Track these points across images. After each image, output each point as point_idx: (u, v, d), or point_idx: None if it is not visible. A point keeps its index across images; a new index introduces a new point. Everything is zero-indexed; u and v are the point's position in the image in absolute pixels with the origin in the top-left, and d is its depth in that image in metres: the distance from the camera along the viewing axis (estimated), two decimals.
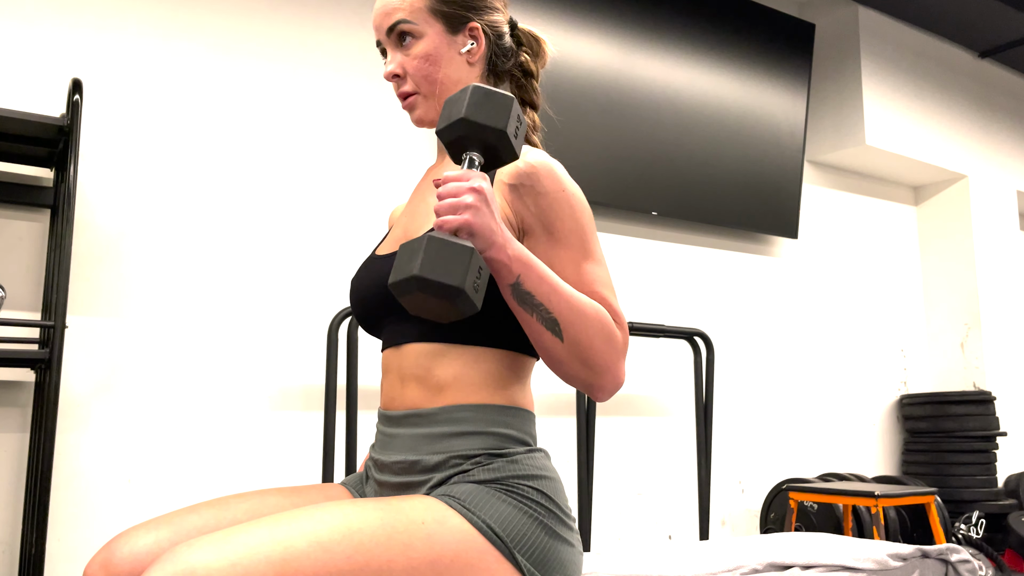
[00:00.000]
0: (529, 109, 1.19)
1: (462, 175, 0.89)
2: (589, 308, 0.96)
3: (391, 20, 1.10)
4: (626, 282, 3.15)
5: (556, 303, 0.94)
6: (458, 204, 0.87)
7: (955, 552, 1.51)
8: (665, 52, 3.16)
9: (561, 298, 0.94)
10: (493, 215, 0.89)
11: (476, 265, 0.83)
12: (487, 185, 0.89)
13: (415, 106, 1.13)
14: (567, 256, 1.01)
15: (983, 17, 4.00)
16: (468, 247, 0.83)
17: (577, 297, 0.96)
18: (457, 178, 0.88)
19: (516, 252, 0.91)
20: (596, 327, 0.96)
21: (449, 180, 0.88)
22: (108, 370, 2.12)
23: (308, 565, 0.82)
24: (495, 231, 0.89)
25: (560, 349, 0.95)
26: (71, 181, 1.76)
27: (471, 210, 0.86)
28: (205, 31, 2.38)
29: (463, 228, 0.86)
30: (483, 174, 0.90)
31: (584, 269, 1.02)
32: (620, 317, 1.01)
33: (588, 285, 1.01)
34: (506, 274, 0.91)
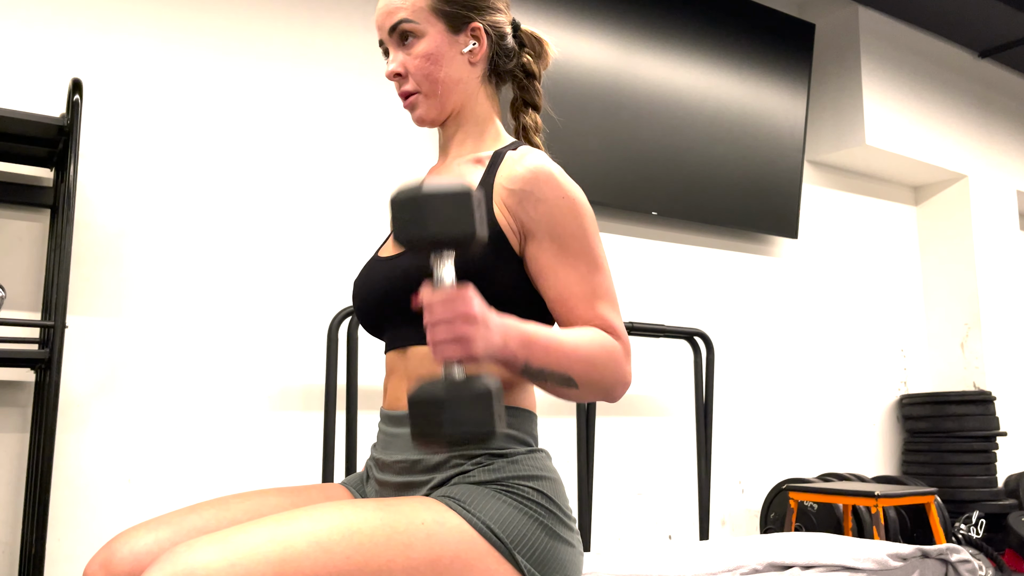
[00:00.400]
0: (531, 110, 1.19)
1: (447, 297, 0.83)
2: (595, 348, 0.97)
3: (393, 19, 1.10)
4: (626, 282, 3.15)
5: (565, 364, 0.94)
6: (456, 335, 0.83)
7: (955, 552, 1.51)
8: (665, 52, 3.16)
9: (569, 358, 0.94)
10: (489, 326, 0.85)
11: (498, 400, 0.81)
12: (475, 300, 0.84)
13: (416, 105, 1.13)
14: (569, 263, 1.01)
15: (983, 17, 4.00)
16: (487, 391, 0.80)
17: (581, 345, 0.96)
18: (444, 301, 0.83)
19: (517, 339, 0.90)
20: (605, 363, 0.98)
21: (434, 306, 0.83)
22: (108, 370, 2.12)
23: (308, 565, 0.82)
24: (493, 342, 0.86)
25: (576, 394, 0.98)
26: (71, 181, 1.76)
27: (471, 342, 0.83)
28: (205, 31, 2.38)
29: (467, 360, 0.84)
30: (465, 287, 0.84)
31: (587, 280, 1.02)
32: (618, 331, 1.02)
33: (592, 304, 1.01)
34: (514, 364, 0.91)
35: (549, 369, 0.93)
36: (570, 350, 0.95)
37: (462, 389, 0.80)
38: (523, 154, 1.05)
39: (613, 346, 0.99)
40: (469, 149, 1.14)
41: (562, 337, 0.95)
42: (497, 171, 1.05)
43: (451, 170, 1.14)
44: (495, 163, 1.07)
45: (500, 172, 1.05)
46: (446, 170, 1.15)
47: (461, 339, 0.83)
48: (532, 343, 0.91)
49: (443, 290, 0.83)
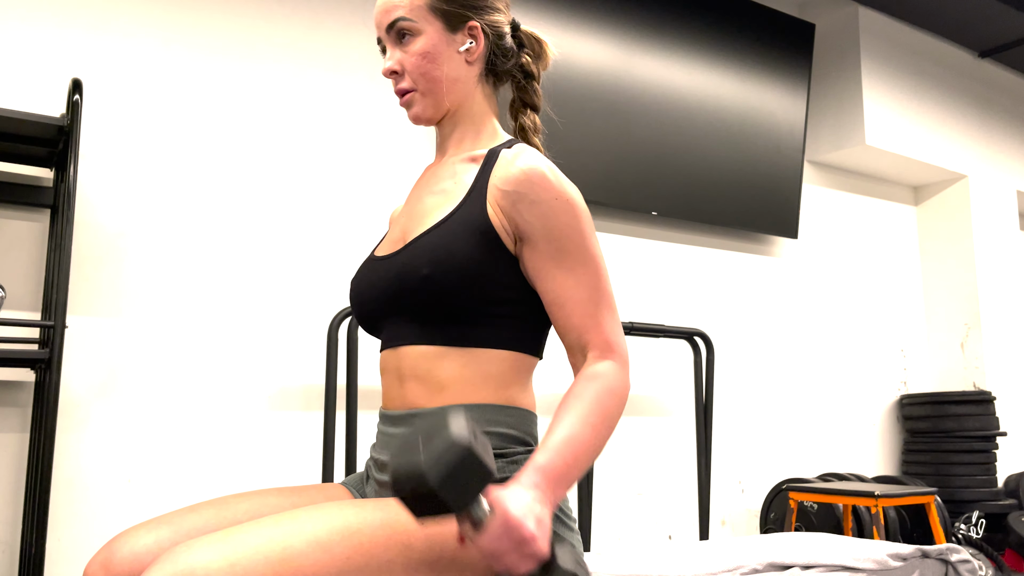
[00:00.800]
0: (530, 111, 1.19)
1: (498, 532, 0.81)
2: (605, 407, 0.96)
3: (391, 17, 1.10)
4: (626, 282, 3.15)
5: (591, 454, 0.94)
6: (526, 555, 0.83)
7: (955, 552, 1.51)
8: (665, 52, 3.16)
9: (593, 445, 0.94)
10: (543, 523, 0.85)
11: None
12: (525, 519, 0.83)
13: (412, 103, 1.13)
14: (566, 266, 1.01)
15: (983, 17, 4.00)
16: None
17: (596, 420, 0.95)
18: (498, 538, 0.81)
19: (552, 489, 0.89)
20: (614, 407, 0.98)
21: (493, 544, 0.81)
22: (108, 370, 2.12)
23: (307, 565, 0.82)
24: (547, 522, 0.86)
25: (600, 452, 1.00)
26: (71, 181, 1.76)
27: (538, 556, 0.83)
28: (205, 31, 2.38)
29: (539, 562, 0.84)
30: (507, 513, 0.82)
31: (584, 283, 1.01)
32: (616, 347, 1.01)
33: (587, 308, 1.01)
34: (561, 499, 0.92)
35: (577, 473, 0.93)
36: (590, 436, 0.94)
37: None
38: (517, 153, 1.04)
39: (616, 382, 0.98)
40: (466, 148, 1.14)
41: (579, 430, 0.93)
42: (491, 170, 1.05)
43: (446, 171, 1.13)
44: (489, 162, 1.07)
45: (494, 172, 1.04)
46: (442, 170, 1.14)
47: (531, 556, 0.83)
48: (566, 474, 0.91)
49: (492, 526, 0.81)
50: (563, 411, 0.95)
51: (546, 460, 0.90)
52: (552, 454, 0.90)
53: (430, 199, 1.10)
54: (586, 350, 1.00)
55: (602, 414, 0.95)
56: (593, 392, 0.96)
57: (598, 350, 1.00)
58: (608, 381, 0.98)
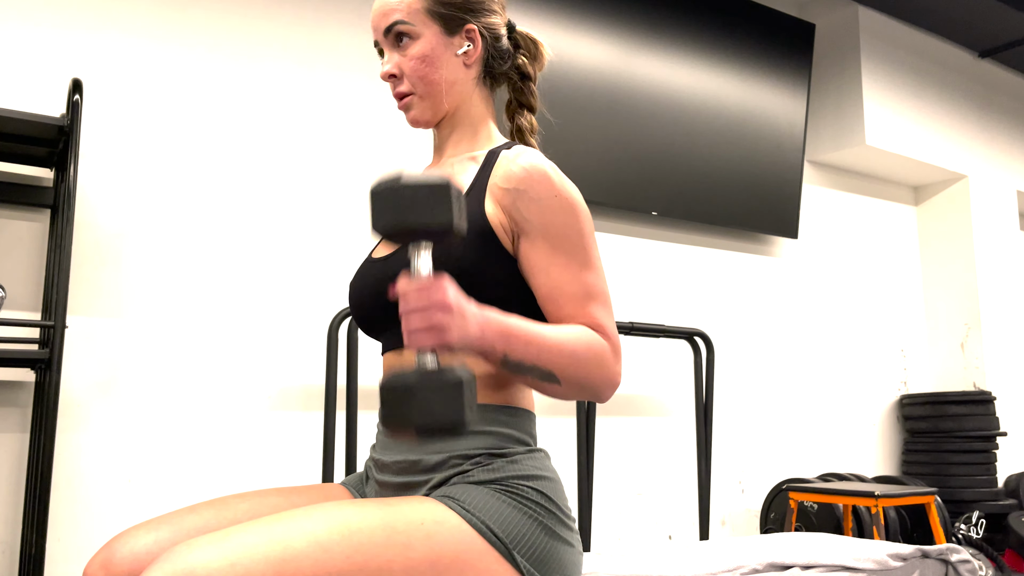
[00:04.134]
0: (527, 112, 1.19)
1: (421, 286, 0.84)
2: (579, 345, 0.96)
3: (388, 21, 1.10)
4: (626, 282, 3.15)
5: (547, 358, 0.94)
6: (430, 325, 0.83)
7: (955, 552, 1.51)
8: (665, 52, 3.16)
9: (550, 351, 0.94)
10: (465, 316, 0.86)
11: (470, 391, 0.81)
12: (450, 289, 0.85)
13: (411, 106, 1.13)
14: (562, 262, 1.01)
15: (983, 17, 4.00)
16: (457, 381, 0.80)
17: (565, 340, 0.96)
18: (418, 291, 0.84)
19: (495, 330, 0.90)
20: (589, 359, 0.97)
21: (408, 295, 0.84)
22: (108, 370, 2.12)
23: (307, 565, 0.82)
24: (470, 332, 0.87)
25: (559, 390, 0.98)
26: (71, 181, 1.76)
27: (445, 331, 0.83)
28: (205, 31, 2.38)
29: (441, 349, 0.84)
30: (441, 278, 0.85)
31: (581, 281, 1.01)
32: (607, 330, 1.01)
33: (584, 303, 1.01)
34: (492, 356, 0.92)
35: (529, 363, 0.93)
36: (552, 344, 0.94)
37: (432, 378, 0.80)
38: (518, 153, 1.04)
39: (600, 344, 0.98)
40: (464, 150, 1.14)
41: (545, 332, 0.95)
42: (492, 170, 1.05)
43: (444, 169, 1.14)
44: (489, 162, 1.07)
45: (495, 171, 1.05)
46: (439, 169, 1.15)
47: (434, 328, 0.83)
48: (512, 335, 0.92)
49: (418, 280, 0.84)
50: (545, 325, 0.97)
51: (506, 317, 0.92)
52: (515, 320, 0.93)
53: None
54: None
55: (573, 349, 0.96)
56: (576, 332, 0.97)
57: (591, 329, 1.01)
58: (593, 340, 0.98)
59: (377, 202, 0.82)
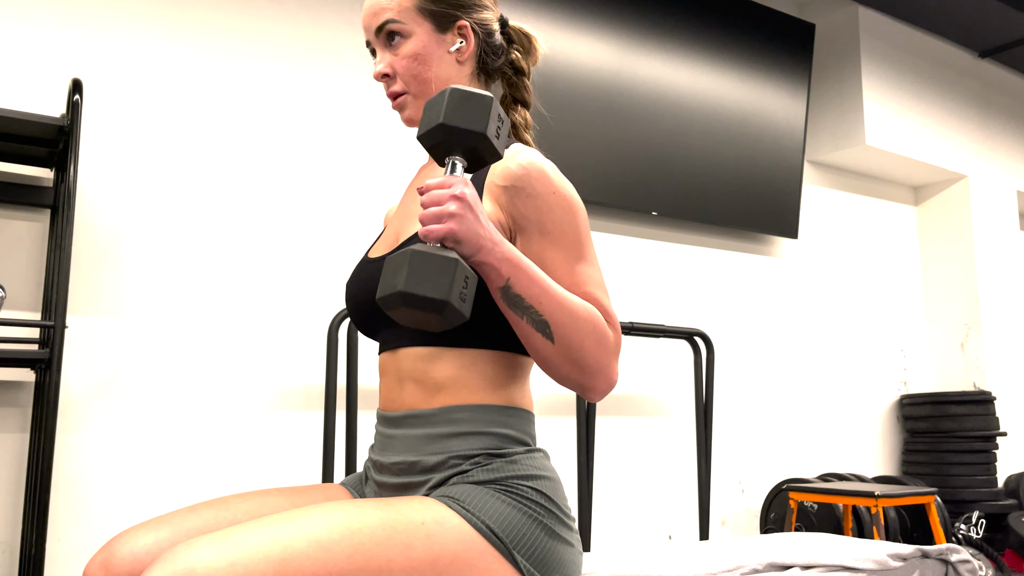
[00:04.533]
0: (521, 107, 1.19)
1: (444, 181, 0.88)
2: (580, 309, 0.96)
3: (379, 20, 1.10)
4: (626, 282, 3.15)
5: (547, 304, 0.93)
6: (442, 212, 0.86)
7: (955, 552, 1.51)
8: (665, 52, 3.16)
9: (552, 299, 0.93)
10: (479, 219, 0.88)
11: (462, 276, 0.82)
12: (470, 190, 0.88)
13: (405, 106, 1.13)
14: (560, 257, 1.01)
15: (983, 17, 4.00)
16: (452, 258, 0.82)
17: (568, 298, 0.95)
18: (439, 184, 0.88)
19: (505, 254, 0.91)
20: (587, 328, 0.96)
21: (431, 188, 0.88)
22: (108, 370, 2.12)
23: (308, 565, 0.82)
24: (481, 235, 0.88)
25: (551, 350, 0.95)
26: (71, 181, 1.76)
27: (455, 218, 0.86)
28: (205, 31, 2.38)
29: (448, 237, 0.86)
30: (466, 178, 0.89)
31: (577, 270, 1.01)
32: (612, 318, 1.00)
33: (580, 286, 1.00)
34: (495, 277, 0.91)
35: (528, 301, 0.93)
36: (556, 294, 0.94)
37: (429, 254, 0.82)
38: (515, 151, 1.04)
39: (602, 322, 0.97)
40: None
41: (553, 283, 0.95)
42: (489, 168, 1.05)
43: (441, 171, 1.13)
44: None
45: (492, 169, 1.04)
46: (436, 170, 1.14)
47: (445, 215, 0.86)
48: (520, 265, 0.92)
49: (446, 175, 0.88)
50: None
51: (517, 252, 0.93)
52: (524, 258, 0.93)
53: None
54: None
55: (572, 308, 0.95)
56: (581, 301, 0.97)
57: None
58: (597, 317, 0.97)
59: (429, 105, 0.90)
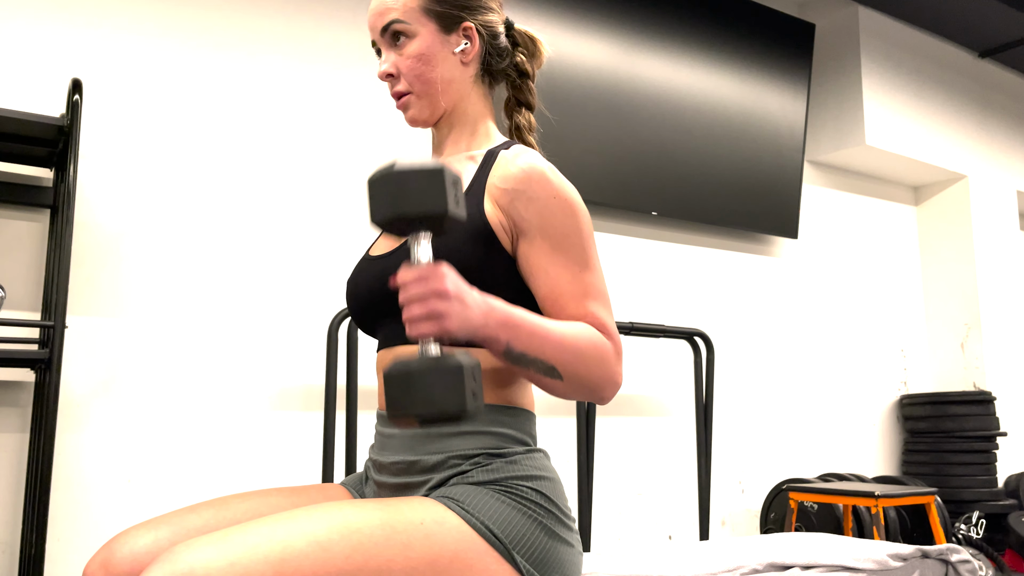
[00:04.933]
0: (525, 110, 1.19)
1: (420, 274, 0.84)
2: (583, 342, 0.96)
3: (385, 20, 1.10)
4: (626, 282, 3.15)
5: (550, 351, 0.94)
6: (430, 311, 0.83)
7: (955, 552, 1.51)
8: (665, 52, 3.16)
9: (553, 344, 0.94)
10: (465, 301, 0.86)
11: (470, 377, 0.80)
12: (450, 278, 0.85)
13: (409, 106, 1.13)
14: (561, 262, 1.01)
15: (983, 17, 4.00)
16: (455, 367, 0.79)
17: (568, 335, 0.95)
18: (416, 279, 0.84)
19: (499, 319, 0.90)
20: (592, 357, 0.97)
21: (408, 285, 0.84)
22: (108, 370, 2.12)
23: (307, 565, 0.82)
24: (472, 318, 0.86)
25: (561, 386, 0.97)
26: (71, 181, 1.76)
27: (445, 317, 0.83)
28: (205, 31, 2.38)
29: (443, 336, 0.84)
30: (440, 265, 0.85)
31: (581, 280, 1.01)
32: (609, 329, 1.01)
33: (583, 300, 1.01)
34: (495, 345, 0.92)
35: (532, 355, 0.93)
36: (556, 338, 0.94)
37: (433, 365, 0.79)
38: (516, 153, 1.05)
39: (603, 343, 0.98)
40: (463, 148, 1.14)
41: (549, 325, 0.95)
42: (490, 170, 1.05)
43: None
44: (488, 161, 1.07)
45: (493, 171, 1.05)
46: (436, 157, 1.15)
47: (434, 315, 0.83)
48: (515, 325, 0.92)
49: (418, 268, 0.84)
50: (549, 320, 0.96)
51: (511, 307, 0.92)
52: (519, 311, 0.93)
53: None
54: None
55: (575, 343, 0.95)
56: (579, 328, 0.97)
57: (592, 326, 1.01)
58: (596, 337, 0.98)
59: (374, 192, 0.83)
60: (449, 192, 0.82)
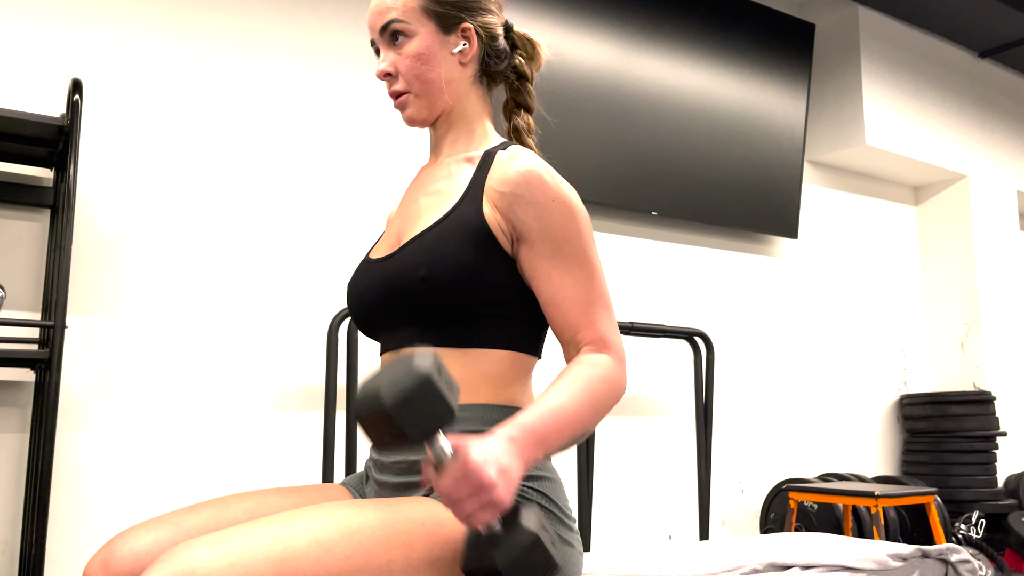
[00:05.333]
0: (524, 112, 1.19)
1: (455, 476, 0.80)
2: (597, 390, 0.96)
3: (384, 19, 1.10)
4: (626, 282, 3.15)
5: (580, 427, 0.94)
6: (482, 505, 0.81)
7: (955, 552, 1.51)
8: (665, 52, 3.16)
9: (579, 419, 0.94)
10: (506, 472, 0.83)
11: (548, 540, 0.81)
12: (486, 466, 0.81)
13: (406, 105, 1.13)
14: (562, 265, 1.01)
15: (983, 17, 4.00)
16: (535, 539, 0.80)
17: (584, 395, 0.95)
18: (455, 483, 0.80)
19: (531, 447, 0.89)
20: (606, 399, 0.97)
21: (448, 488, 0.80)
22: (108, 370, 2.12)
23: (308, 565, 0.82)
24: (515, 475, 0.84)
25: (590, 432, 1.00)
26: (71, 181, 1.76)
27: (499, 503, 0.81)
28: (205, 31, 2.38)
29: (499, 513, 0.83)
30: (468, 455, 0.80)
31: (580, 283, 1.01)
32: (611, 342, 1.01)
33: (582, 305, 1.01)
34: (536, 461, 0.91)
35: (567, 441, 0.93)
36: (576, 412, 0.94)
37: (512, 546, 0.79)
38: (514, 155, 1.04)
39: (609, 371, 0.98)
40: (461, 149, 1.14)
41: (567, 404, 0.93)
42: (488, 171, 1.05)
43: (441, 171, 1.13)
44: (486, 163, 1.07)
45: (491, 173, 1.05)
46: (437, 171, 1.14)
47: (488, 505, 0.81)
48: (545, 437, 0.90)
49: (451, 468, 0.80)
50: (554, 386, 0.95)
51: (528, 419, 0.90)
52: (535, 416, 0.91)
53: (425, 200, 1.11)
54: (581, 345, 1.01)
55: (592, 397, 0.96)
56: (586, 376, 0.97)
57: (594, 345, 1.00)
58: (602, 370, 0.98)
59: (369, 429, 0.78)
60: (445, 392, 0.77)
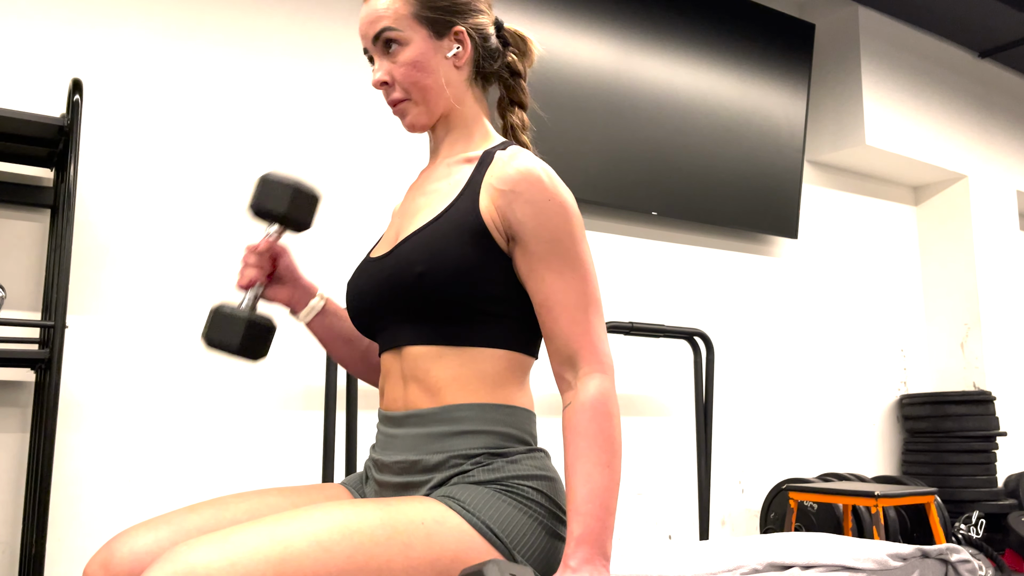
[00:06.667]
0: (518, 109, 1.19)
1: None
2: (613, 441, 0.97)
3: (376, 28, 1.10)
4: (626, 282, 3.15)
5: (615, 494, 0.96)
6: None
7: (955, 552, 1.51)
8: (664, 52, 3.16)
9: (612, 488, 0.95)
10: None
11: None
12: None
13: (406, 112, 1.13)
14: (554, 266, 1.01)
15: (983, 17, 4.00)
16: None
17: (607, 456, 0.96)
18: None
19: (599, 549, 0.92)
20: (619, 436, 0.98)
21: None
22: (108, 370, 2.12)
23: (308, 565, 0.82)
24: None
25: None
26: (71, 181, 1.76)
27: None
28: (205, 31, 2.38)
29: None
30: None
31: (572, 285, 1.01)
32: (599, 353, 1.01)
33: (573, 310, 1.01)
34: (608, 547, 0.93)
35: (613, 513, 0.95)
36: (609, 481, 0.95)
37: None
38: (513, 155, 1.05)
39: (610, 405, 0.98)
40: (459, 150, 1.15)
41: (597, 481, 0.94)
42: (487, 171, 1.06)
43: (440, 172, 1.14)
44: (485, 162, 1.07)
45: (490, 171, 1.05)
46: (436, 172, 1.15)
47: None
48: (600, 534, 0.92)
49: None
50: (574, 458, 0.95)
51: (582, 528, 0.91)
52: (585, 518, 0.92)
53: (423, 199, 1.11)
54: (574, 359, 1.00)
55: (611, 448, 0.96)
56: (596, 427, 0.96)
57: (586, 364, 0.99)
58: (604, 407, 0.98)
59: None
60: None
